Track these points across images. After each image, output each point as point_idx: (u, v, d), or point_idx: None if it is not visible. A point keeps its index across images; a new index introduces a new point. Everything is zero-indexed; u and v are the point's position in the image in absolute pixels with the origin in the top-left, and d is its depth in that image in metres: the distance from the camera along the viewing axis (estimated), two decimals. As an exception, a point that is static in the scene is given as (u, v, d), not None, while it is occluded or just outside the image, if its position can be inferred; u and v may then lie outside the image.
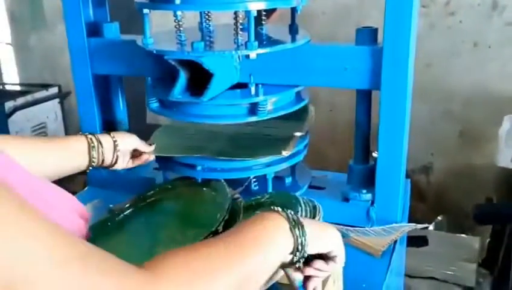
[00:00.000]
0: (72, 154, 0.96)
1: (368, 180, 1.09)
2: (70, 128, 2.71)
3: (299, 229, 0.63)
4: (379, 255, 0.98)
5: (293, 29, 1.12)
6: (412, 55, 0.99)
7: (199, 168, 1.05)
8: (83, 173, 1.24)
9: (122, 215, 1.00)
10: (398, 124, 1.01)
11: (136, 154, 1.09)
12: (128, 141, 1.07)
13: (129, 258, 0.86)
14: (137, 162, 1.10)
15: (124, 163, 1.06)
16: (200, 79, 0.97)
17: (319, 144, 2.20)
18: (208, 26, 1.11)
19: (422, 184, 2.30)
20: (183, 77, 0.98)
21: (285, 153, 1.04)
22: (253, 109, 1.03)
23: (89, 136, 1.00)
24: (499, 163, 1.86)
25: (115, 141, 1.03)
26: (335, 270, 0.73)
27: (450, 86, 2.14)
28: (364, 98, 1.09)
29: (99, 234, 0.93)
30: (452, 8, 2.09)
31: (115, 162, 1.04)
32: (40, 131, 2.57)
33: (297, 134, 1.12)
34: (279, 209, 0.66)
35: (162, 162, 1.13)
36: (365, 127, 1.11)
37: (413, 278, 1.74)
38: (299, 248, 0.63)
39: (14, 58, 3.18)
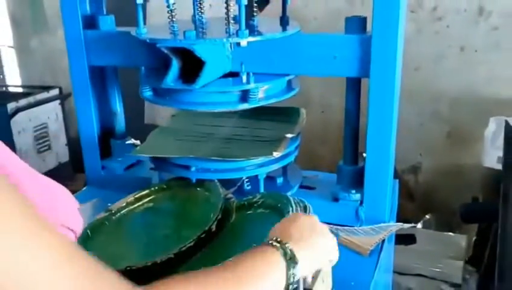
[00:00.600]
0: None
1: (357, 181, 1.13)
2: (71, 128, 2.76)
3: (293, 264, 0.65)
4: (367, 254, 1.01)
5: (284, 21, 1.14)
6: (400, 43, 1.00)
7: (193, 169, 1.08)
8: (82, 172, 1.27)
9: (119, 214, 1.02)
10: (387, 118, 1.03)
11: None
12: None
13: (126, 256, 0.89)
14: None
15: None
16: (192, 69, 0.98)
17: (311, 145, 2.24)
18: (200, 18, 1.13)
19: (411, 184, 2.34)
20: (175, 64, 0.99)
21: (276, 154, 1.07)
22: (244, 96, 1.05)
23: None
24: (485, 163, 1.90)
25: None
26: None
27: (437, 89, 2.19)
28: (354, 86, 1.11)
29: (97, 232, 0.96)
30: (439, 13, 2.13)
31: None
32: (42, 131, 2.63)
33: (288, 136, 1.15)
34: (277, 244, 0.66)
35: (158, 162, 1.16)
36: (355, 121, 1.13)
37: (402, 275, 1.77)
38: (292, 279, 0.65)
39: (17, 60, 3.21)
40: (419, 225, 2.09)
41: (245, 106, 1.05)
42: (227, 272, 0.59)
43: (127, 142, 1.29)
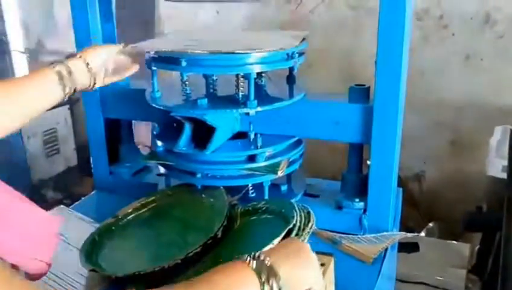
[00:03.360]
0: (44, 92, 0.91)
1: (361, 189, 1.14)
2: (79, 133, 2.81)
3: (272, 281, 0.62)
4: (370, 262, 1.02)
5: (291, 81, 1.18)
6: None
7: (199, 175, 1.10)
8: (90, 175, 1.29)
9: (125, 219, 1.04)
10: (391, 127, 1.05)
11: (118, 66, 1.03)
12: (100, 55, 0.98)
13: (132, 261, 0.91)
14: (118, 76, 1.04)
15: (101, 81, 1.00)
16: (203, 126, 1.03)
17: (315, 152, 2.25)
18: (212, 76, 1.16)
19: (414, 191, 2.35)
20: (188, 130, 1.05)
21: (280, 173, 1.09)
22: (252, 157, 1.09)
23: (57, 67, 0.92)
24: (489, 172, 1.90)
25: (86, 62, 0.95)
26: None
27: (442, 97, 2.19)
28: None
29: (104, 237, 0.98)
30: (445, 21, 2.15)
31: (94, 84, 0.97)
32: (51, 136, 2.70)
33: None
34: (253, 260, 0.63)
35: (165, 168, 1.18)
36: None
37: (404, 283, 1.78)
38: None
39: (27, 65, 3.26)
40: (422, 233, 2.09)
41: (253, 165, 1.08)
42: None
43: (138, 146, 1.32)
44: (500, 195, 1.75)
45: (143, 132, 1.83)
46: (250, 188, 1.16)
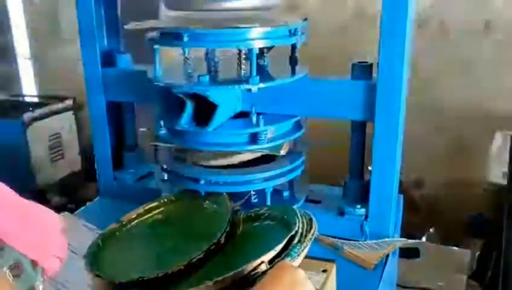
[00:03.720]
0: None
1: (363, 196, 1.15)
2: (84, 138, 2.83)
3: None
4: (372, 268, 1.03)
5: (293, 61, 1.17)
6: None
7: (202, 181, 1.10)
8: (94, 180, 1.30)
9: (129, 225, 1.05)
10: (393, 135, 1.06)
11: None
12: None
13: (136, 267, 0.92)
14: None
15: None
16: (205, 104, 1.03)
17: (316, 155, 2.26)
18: (213, 56, 1.15)
19: (415, 197, 2.35)
20: (189, 107, 1.05)
21: (283, 152, 1.09)
22: (254, 137, 1.09)
23: None
24: (489, 178, 1.91)
25: None
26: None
27: (443, 103, 2.20)
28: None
29: (108, 242, 0.99)
30: (446, 27, 2.16)
31: None
32: (56, 141, 2.71)
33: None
34: None
35: (169, 175, 1.19)
36: (361, 136, 1.16)
37: (405, 289, 1.78)
38: None
39: (33, 71, 3.28)
40: (423, 239, 2.10)
41: (254, 147, 1.09)
42: None
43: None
44: (501, 201, 1.76)
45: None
46: (253, 194, 1.17)
